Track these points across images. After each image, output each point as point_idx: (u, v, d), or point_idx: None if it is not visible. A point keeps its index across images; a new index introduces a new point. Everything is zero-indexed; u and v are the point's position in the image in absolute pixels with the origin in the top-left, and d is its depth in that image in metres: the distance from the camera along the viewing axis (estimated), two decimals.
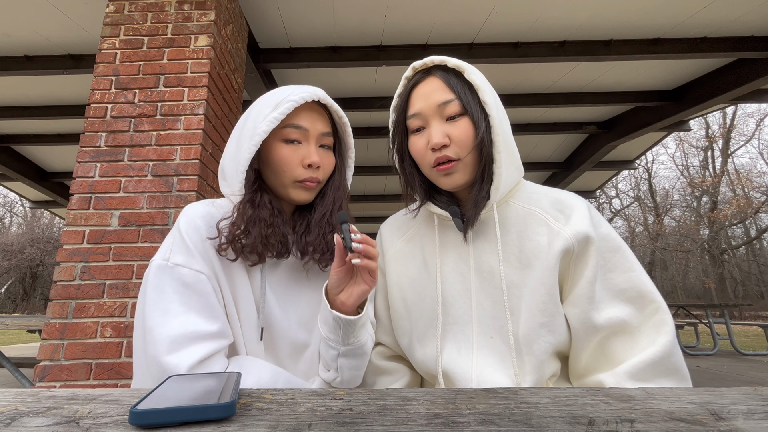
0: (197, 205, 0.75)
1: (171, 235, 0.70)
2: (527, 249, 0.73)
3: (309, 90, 0.76)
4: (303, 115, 0.76)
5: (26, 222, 24.76)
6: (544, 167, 6.06)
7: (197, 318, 0.64)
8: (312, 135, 0.77)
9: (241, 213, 0.71)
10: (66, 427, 0.32)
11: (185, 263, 0.66)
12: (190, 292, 0.65)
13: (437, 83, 0.75)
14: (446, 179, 0.75)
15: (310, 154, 0.75)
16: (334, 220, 0.77)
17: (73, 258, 1.87)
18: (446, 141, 0.72)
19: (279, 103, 0.73)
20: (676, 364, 0.65)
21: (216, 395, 0.37)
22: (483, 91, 0.72)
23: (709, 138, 22.51)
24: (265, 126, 0.71)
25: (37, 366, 1.74)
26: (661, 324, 0.67)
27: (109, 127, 2.05)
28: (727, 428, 0.32)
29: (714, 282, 20.49)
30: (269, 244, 0.71)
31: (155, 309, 0.63)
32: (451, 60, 0.75)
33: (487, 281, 0.74)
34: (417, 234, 0.86)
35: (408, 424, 0.33)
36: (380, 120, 4.51)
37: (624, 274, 0.70)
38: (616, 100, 4.12)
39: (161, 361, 0.59)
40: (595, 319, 0.68)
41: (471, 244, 0.77)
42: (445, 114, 0.73)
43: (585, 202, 0.76)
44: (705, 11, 2.95)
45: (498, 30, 3.13)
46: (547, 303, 0.69)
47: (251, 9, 2.85)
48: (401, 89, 0.81)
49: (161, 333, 0.61)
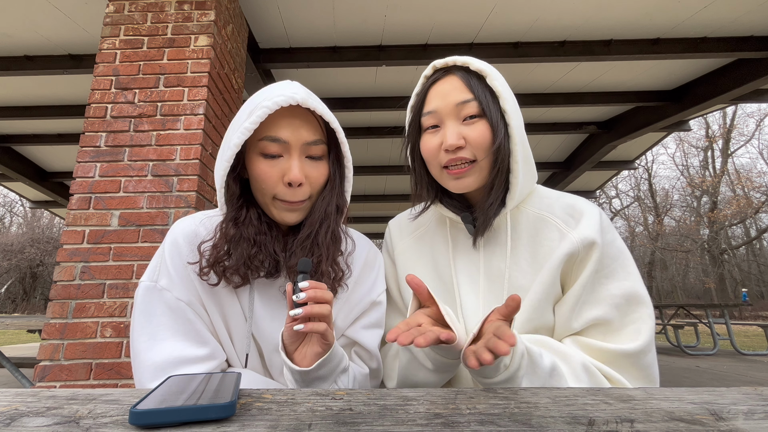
0: (184, 221, 0.71)
1: (158, 254, 0.68)
2: (539, 254, 0.73)
3: (286, 92, 0.64)
4: (282, 123, 0.65)
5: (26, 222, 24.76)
6: (544, 167, 6.06)
7: (184, 342, 0.63)
8: (294, 146, 0.66)
9: (223, 233, 0.66)
10: (66, 427, 0.32)
11: (169, 288, 0.64)
12: (176, 317, 0.64)
13: (457, 82, 0.72)
14: (456, 183, 0.73)
15: (290, 169, 0.65)
16: (320, 240, 0.67)
17: (73, 258, 1.87)
18: (461, 143, 0.70)
19: (252, 110, 0.64)
20: (643, 362, 0.66)
21: (216, 395, 0.37)
22: (504, 99, 0.70)
23: (709, 138, 22.51)
24: (236, 138, 0.63)
25: (37, 366, 1.74)
26: (636, 332, 0.67)
27: (109, 127, 2.05)
28: (727, 428, 0.32)
29: (714, 282, 20.50)
30: (253, 266, 0.64)
31: (142, 333, 0.62)
32: (475, 62, 0.72)
33: (496, 284, 0.74)
34: (427, 233, 0.85)
35: (408, 424, 0.33)
36: (381, 120, 4.51)
37: (618, 282, 0.70)
38: (616, 100, 4.12)
39: (147, 387, 0.59)
40: (573, 322, 0.70)
41: (482, 249, 0.77)
42: (462, 114, 0.71)
43: (597, 208, 0.75)
44: (705, 11, 2.95)
45: (498, 30, 3.13)
46: (541, 301, 0.70)
47: (251, 9, 2.85)
48: (419, 88, 0.78)
49: (147, 359, 0.61)
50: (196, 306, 0.66)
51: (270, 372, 0.71)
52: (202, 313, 0.66)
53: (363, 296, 0.77)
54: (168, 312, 0.63)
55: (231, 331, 0.68)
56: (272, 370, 0.70)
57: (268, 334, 0.69)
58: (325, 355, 0.60)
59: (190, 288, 0.65)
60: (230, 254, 0.65)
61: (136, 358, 0.62)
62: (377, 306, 0.79)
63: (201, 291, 0.66)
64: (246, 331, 0.68)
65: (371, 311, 0.78)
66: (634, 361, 0.66)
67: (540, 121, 4.76)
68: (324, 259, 0.67)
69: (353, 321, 0.76)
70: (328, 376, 0.63)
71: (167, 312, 0.63)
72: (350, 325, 0.76)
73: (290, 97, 0.64)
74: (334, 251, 0.69)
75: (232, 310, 0.68)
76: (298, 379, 0.61)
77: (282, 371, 0.69)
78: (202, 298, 0.66)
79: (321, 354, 0.60)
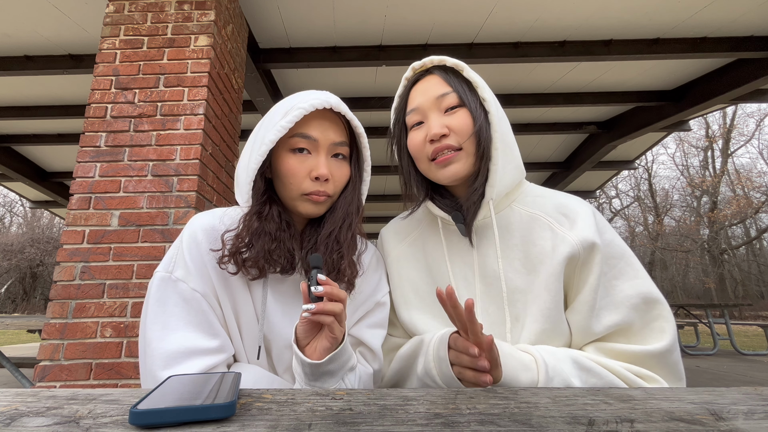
0: (204, 215, 0.73)
1: (175, 246, 0.70)
2: (532, 254, 0.73)
3: (321, 97, 0.71)
4: (313, 124, 0.71)
5: (26, 222, 24.76)
6: (544, 167, 6.06)
7: (196, 333, 0.64)
8: (322, 145, 0.72)
9: (246, 225, 0.69)
10: (66, 427, 0.32)
11: (184, 279, 0.66)
12: (189, 308, 0.65)
13: (435, 79, 0.76)
14: (444, 171, 0.74)
15: (318, 166, 0.70)
16: (341, 238, 0.72)
17: (73, 258, 1.87)
18: (445, 131, 0.72)
19: (288, 111, 0.69)
20: (670, 361, 0.65)
21: (216, 395, 0.37)
22: (481, 88, 0.73)
23: (709, 138, 22.51)
24: (272, 135, 0.68)
25: (37, 366, 1.74)
26: (660, 331, 0.67)
27: (109, 127, 2.05)
28: (727, 428, 0.32)
29: (714, 282, 20.49)
30: (272, 260, 0.67)
31: (155, 322, 0.63)
32: (449, 59, 0.76)
33: (492, 287, 0.74)
34: (420, 237, 0.85)
35: (408, 424, 0.33)
36: (380, 120, 4.51)
37: (629, 281, 0.70)
38: (616, 100, 4.12)
39: (157, 376, 0.60)
40: (595, 327, 0.69)
41: (476, 250, 0.77)
42: (443, 106, 0.74)
43: (590, 206, 0.76)
44: (705, 11, 2.95)
45: (498, 30, 3.13)
46: (552, 309, 0.69)
47: (251, 9, 2.85)
48: (401, 90, 0.82)
49: (159, 347, 0.61)
50: (210, 298, 0.67)
51: (276, 368, 0.72)
52: (215, 305, 0.68)
53: (368, 296, 0.79)
54: (182, 302, 0.65)
55: (241, 326, 0.70)
56: (278, 365, 0.71)
57: (279, 330, 0.70)
58: (335, 350, 0.62)
59: (206, 280, 0.67)
60: (251, 246, 0.67)
61: (147, 346, 0.62)
62: (382, 307, 0.80)
63: (216, 284, 0.68)
64: (258, 325, 0.69)
65: (376, 311, 0.79)
66: (663, 361, 0.65)
67: (540, 121, 4.76)
68: (345, 255, 0.71)
69: (358, 320, 0.78)
70: (336, 372, 0.64)
71: (181, 302, 0.65)
72: (355, 324, 0.77)
73: (325, 101, 0.71)
74: (353, 249, 0.73)
75: (245, 306, 0.69)
76: (308, 372, 0.62)
77: (288, 368, 0.71)
78: (216, 291, 0.68)
79: (329, 349, 0.62)
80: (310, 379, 0.63)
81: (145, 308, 0.66)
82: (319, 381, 0.64)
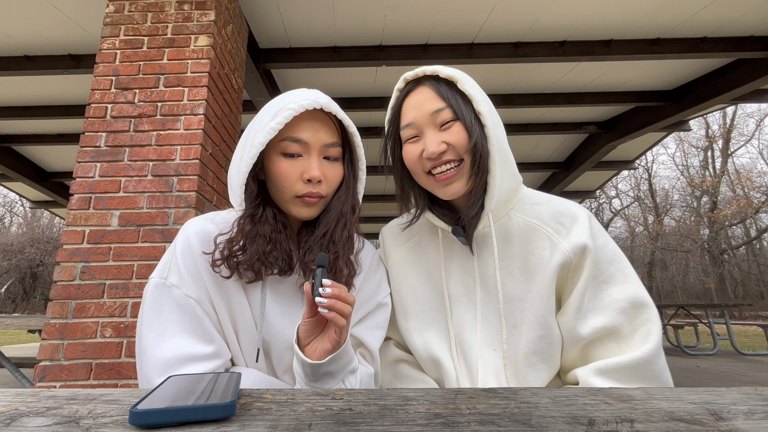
0: (196, 220, 0.73)
1: (169, 252, 0.69)
2: (531, 263, 0.73)
3: (311, 97, 0.69)
4: (304, 126, 0.69)
5: (26, 222, 24.75)
6: (544, 167, 6.06)
7: (191, 340, 0.63)
8: (314, 147, 0.70)
9: (240, 228, 0.68)
10: (66, 427, 0.32)
11: (179, 285, 0.65)
12: (184, 314, 0.64)
13: (428, 92, 0.74)
14: (445, 189, 0.74)
15: (310, 168, 0.69)
16: (336, 237, 0.71)
17: (73, 258, 1.87)
18: (442, 148, 0.71)
19: (278, 112, 0.67)
20: (655, 371, 0.65)
21: (216, 395, 0.37)
22: (477, 101, 0.71)
23: (709, 138, 22.51)
24: (261, 137, 0.66)
25: (37, 366, 1.73)
26: (647, 334, 0.67)
27: (109, 127, 2.05)
28: (727, 428, 0.32)
29: (714, 282, 20.49)
30: (268, 262, 0.66)
31: (151, 329, 0.63)
32: (443, 70, 0.73)
33: (492, 295, 0.75)
34: (420, 243, 0.85)
35: (408, 424, 0.33)
36: (380, 120, 4.50)
37: (618, 286, 0.70)
38: (616, 100, 4.12)
39: (153, 383, 0.60)
40: (581, 330, 0.69)
41: (476, 258, 0.77)
42: (438, 122, 0.72)
43: (586, 212, 0.76)
44: (705, 11, 2.95)
45: (498, 30, 3.13)
46: (545, 316, 0.70)
47: (251, 9, 2.85)
48: (393, 101, 0.80)
49: (155, 355, 0.61)
50: (205, 304, 0.66)
51: (275, 369, 0.71)
52: (210, 311, 0.67)
53: (369, 297, 0.79)
54: (177, 309, 0.64)
55: (238, 329, 0.69)
56: (278, 367, 0.71)
57: (277, 331, 0.69)
58: (336, 351, 0.62)
59: (200, 285, 0.66)
60: (245, 249, 0.66)
61: (143, 354, 0.62)
62: (383, 308, 0.80)
63: (211, 289, 0.67)
64: (257, 327, 0.69)
65: (377, 312, 0.80)
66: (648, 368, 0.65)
67: (540, 121, 4.76)
68: (340, 255, 0.70)
69: (359, 320, 0.78)
70: (337, 373, 0.64)
71: (176, 309, 0.64)
72: (356, 324, 0.77)
73: (315, 101, 0.69)
74: (349, 249, 0.73)
75: (241, 309, 0.68)
76: (309, 372, 0.62)
77: (287, 369, 0.70)
78: (211, 295, 0.67)
79: (330, 350, 0.62)
80: (310, 380, 0.63)
81: (141, 315, 0.65)
82: (320, 382, 0.63)
